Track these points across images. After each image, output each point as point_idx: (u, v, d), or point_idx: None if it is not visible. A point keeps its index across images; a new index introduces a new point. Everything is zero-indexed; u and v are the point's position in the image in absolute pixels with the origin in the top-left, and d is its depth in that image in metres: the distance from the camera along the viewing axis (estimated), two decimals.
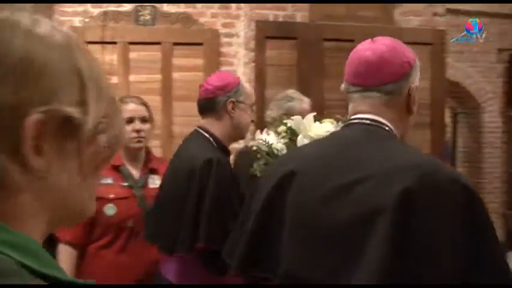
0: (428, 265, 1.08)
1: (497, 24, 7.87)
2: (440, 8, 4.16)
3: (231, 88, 2.04)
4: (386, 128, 1.31)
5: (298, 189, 1.27)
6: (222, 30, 4.36)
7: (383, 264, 1.08)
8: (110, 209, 2.22)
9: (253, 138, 2.13)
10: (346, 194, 1.18)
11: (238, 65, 4.35)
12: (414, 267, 1.08)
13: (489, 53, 7.81)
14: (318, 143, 1.50)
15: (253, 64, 3.71)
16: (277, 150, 1.94)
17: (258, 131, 2.09)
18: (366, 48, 1.34)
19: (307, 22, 3.80)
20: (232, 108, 2.03)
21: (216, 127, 2.04)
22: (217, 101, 2.02)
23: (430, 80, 3.99)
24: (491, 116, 7.50)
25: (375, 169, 1.19)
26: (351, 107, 1.37)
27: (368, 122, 1.32)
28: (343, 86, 1.39)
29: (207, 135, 2.04)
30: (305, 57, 3.71)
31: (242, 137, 2.15)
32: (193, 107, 4.24)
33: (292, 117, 1.98)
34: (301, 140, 1.86)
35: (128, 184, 2.30)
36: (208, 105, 2.05)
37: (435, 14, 4.14)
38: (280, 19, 3.79)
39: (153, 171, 2.39)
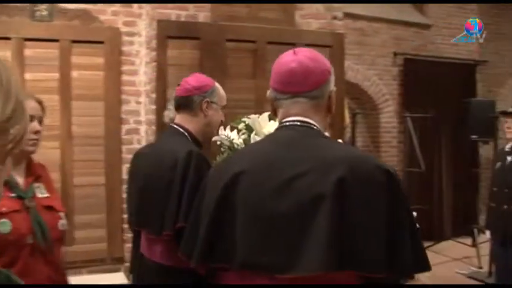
0: (361, 237, 1.33)
1: (392, 30, 8.26)
2: (338, 12, 4.31)
3: (207, 89, 2.26)
4: (315, 128, 1.52)
5: (247, 187, 1.44)
6: (124, 29, 4.27)
7: (328, 241, 1.30)
8: (3, 225, 1.92)
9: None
10: (289, 186, 1.39)
11: (140, 64, 4.29)
12: (351, 240, 1.32)
13: (385, 57, 8.18)
14: (259, 145, 1.69)
15: (154, 64, 3.67)
16: (237, 144, 2.19)
17: (222, 128, 2.29)
18: (291, 60, 1.52)
19: (209, 22, 3.81)
20: (207, 108, 2.25)
21: (190, 123, 2.26)
22: (193, 99, 2.25)
23: None
24: (388, 117, 7.89)
25: (311, 164, 1.40)
26: (281, 111, 1.55)
27: (299, 123, 1.51)
28: (269, 93, 1.58)
29: (181, 130, 2.25)
30: (207, 57, 3.72)
31: (212, 134, 2.31)
32: (94, 106, 4.19)
33: (249, 116, 2.23)
34: (254, 138, 2.11)
35: (17, 195, 2.03)
36: (185, 102, 2.26)
37: (334, 18, 4.28)
38: (183, 19, 3.77)
39: (38, 179, 2.16)
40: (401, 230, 1.39)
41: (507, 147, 4.20)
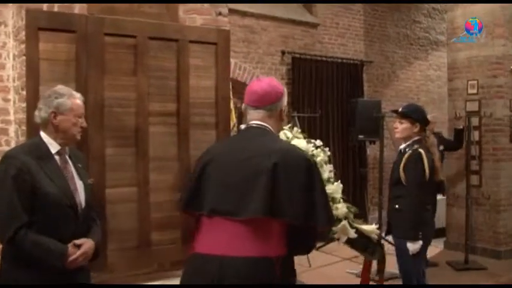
0: (286, 197, 2.36)
1: (280, 28, 8.48)
2: (224, 8, 4.35)
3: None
4: (267, 129, 2.58)
5: (217, 164, 2.53)
6: None
7: (265, 198, 2.35)
8: None
9: None
10: (244, 163, 2.44)
11: (8, 57, 4.09)
12: (279, 199, 2.35)
13: (273, 55, 8.39)
14: (231, 137, 3.16)
15: (24, 57, 3.50)
16: None
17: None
18: (256, 85, 2.63)
19: (85, 14, 3.70)
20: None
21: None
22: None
23: (215, 80, 4.14)
24: None
25: (259, 151, 2.45)
26: (248, 117, 2.63)
27: (258, 125, 2.60)
28: (243, 106, 2.65)
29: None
30: (84, 52, 3.61)
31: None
32: None
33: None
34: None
35: None
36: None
37: (219, 14, 4.32)
38: (56, 9, 3.63)
39: None
40: (314, 195, 2.40)
41: (401, 148, 4.45)
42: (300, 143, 3.53)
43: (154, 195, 3.83)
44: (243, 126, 2.79)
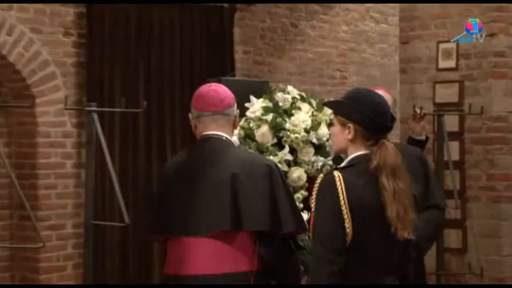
0: (249, 205, 3.73)
1: None
2: None
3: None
4: (225, 139, 4.00)
5: (177, 183, 3.89)
6: None
7: (227, 210, 3.70)
8: None
9: None
10: (204, 178, 3.86)
11: None
12: (243, 211, 3.70)
13: None
14: (187, 152, 4.37)
15: None
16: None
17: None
18: (210, 88, 4.04)
19: None
20: None
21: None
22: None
23: None
24: (54, 113, 7.09)
25: (218, 163, 3.91)
26: (200, 127, 4.03)
27: (215, 136, 3.95)
28: (192, 114, 4.19)
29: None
30: None
31: None
32: None
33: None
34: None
35: None
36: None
37: None
38: None
39: None
40: (279, 201, 3.77)
41: None
42: (300, 116, 4.62)
43: None
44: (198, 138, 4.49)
